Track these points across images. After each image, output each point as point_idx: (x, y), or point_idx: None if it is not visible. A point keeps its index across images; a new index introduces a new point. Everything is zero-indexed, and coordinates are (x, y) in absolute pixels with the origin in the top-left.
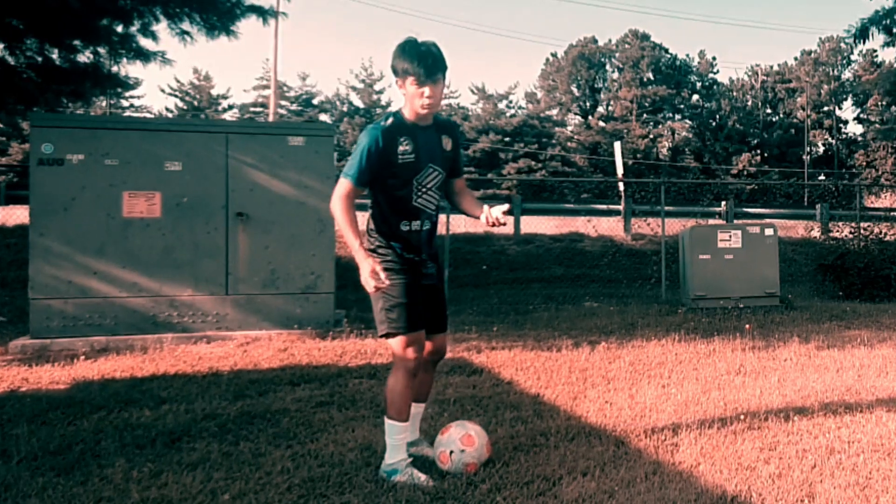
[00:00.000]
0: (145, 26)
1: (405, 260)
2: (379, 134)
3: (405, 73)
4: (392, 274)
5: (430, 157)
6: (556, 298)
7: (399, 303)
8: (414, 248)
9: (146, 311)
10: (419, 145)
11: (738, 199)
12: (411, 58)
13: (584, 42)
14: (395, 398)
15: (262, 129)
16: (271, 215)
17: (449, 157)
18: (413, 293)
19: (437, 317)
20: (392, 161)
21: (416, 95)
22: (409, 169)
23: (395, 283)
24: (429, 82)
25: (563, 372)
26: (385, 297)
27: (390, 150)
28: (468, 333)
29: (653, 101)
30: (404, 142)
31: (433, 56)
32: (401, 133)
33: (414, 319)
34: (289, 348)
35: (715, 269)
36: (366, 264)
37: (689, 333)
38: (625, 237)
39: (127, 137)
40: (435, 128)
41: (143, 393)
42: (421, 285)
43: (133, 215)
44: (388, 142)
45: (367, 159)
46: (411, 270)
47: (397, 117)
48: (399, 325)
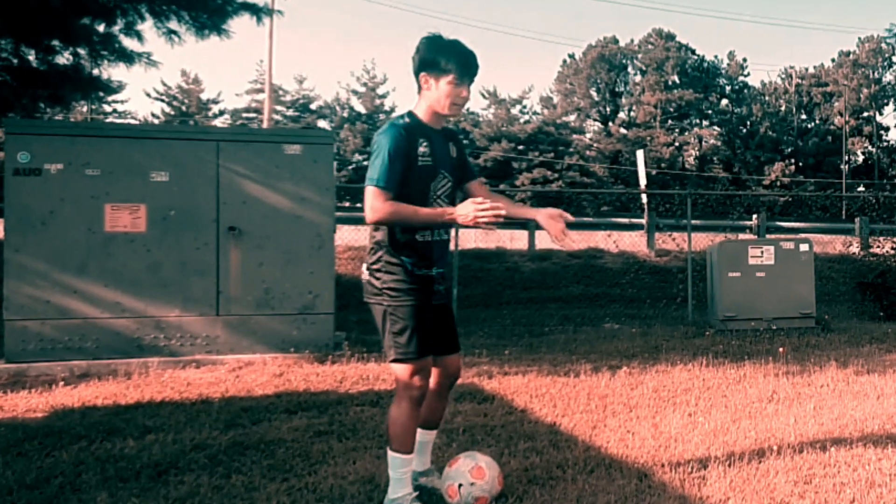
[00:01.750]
0: (129, 25)
1: (416, 278)
2: (401, 132)
3: (445, 71)
4: (402, 294)
5: (443, 162)
6: (573, 319)
7: (407, 326)
8: (427, 262)
9: (130, 334)
10: (435, 149)
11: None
12: (456, 55)
13: (604, 42)
14: (399, 430)
15: (256, 137)
16: (266, 230)
17: (456, 164)
18: (422, 316)
19: (449, 337)
20: (412, 163)
21: (451, 95)
22: (427, 173)
23: (404, 305)
24: (467, 83)
25: (581, 399)
26: (393, 319)
27: (412, 150)
28: (479, 357)
29: (678, 107)
30: (423, 143)
31: (475, 57)
32: (419, 134)
33: (423, 345)
34: (285, 373)
35: (746, 288)
36: (461, 210)
37: (717, 357)
38: (648, 253)
39: (109, 145)
40: (444, 133)
41: (126, 422)
42: (431, 306)
43: (116, 230)
44: (410, 140)
45: (392, 160)
46: (422, 290)
47: (412, 117)
48: (408, 352)
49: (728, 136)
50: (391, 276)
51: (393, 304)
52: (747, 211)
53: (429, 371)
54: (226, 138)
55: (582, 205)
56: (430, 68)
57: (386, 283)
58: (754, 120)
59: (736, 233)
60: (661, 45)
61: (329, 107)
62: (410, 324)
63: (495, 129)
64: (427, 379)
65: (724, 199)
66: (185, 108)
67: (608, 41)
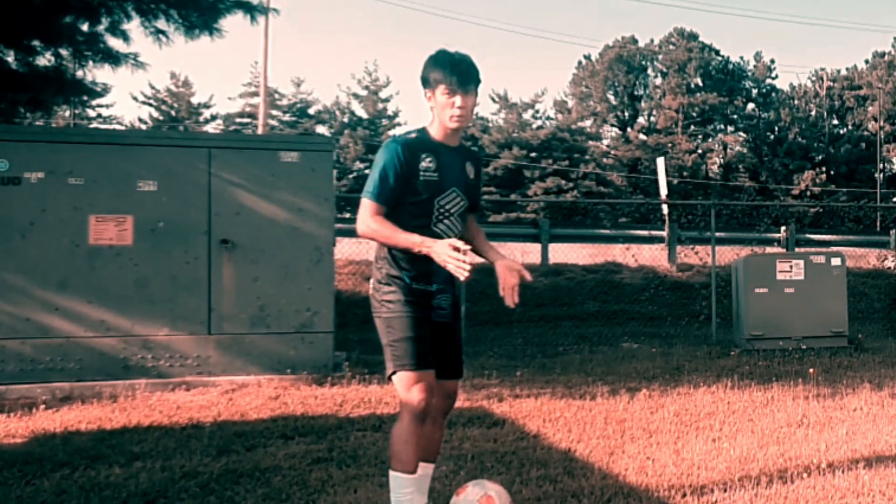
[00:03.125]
0: (115, 24)
1: (414, 291)
2: (400, 148)
3: (435, 82)
4: (399, 305)
5: (455, 179)
6: (589, 338)
7: (404, 336)
8: (426, 277)
9: (116, 354)
10: (443, 165)
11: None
12: (443, 65)
13: (621, 42)
14: (401, 447)
15: (251, 144)
16: (261, 243)
17: (472, 185)
18: (421, 327)
19: (449, 359)
20: (413, 178)
21: (446, 106)
22: (432, 188)
23: (401, 316)
24: (460, 91)
25: (597, 423)
26: (389, 331)
27: (412, 166)
28: (488, 379)
29: (701, 111)
30: (427, 158)
31: (466, 63)
32: (423, 149)
33: (422, 356)
34: (281, 396)
35: (773, 305)
36: (433, 246)
37: (743, 379)
38: (669, 268)
39: (94, 153)
40: (460, 152)
41: (112, 448)
42: (432, 321)
43: (101, 242)
44: (410, 157)
45: (388, 176)
46: (420, 304)
47: (421, 133)
48: (404, 362)
49: (754, 142)
50: (389, 289)
51: (391, 316)
52: (775, 223)
53: (431, 385)
54: (218, 145)
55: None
56: (427, 84)
57: (385, 296)
58: (782, 125)
59: (763, 246)
60: (683, 46)
61: (328, 111)
62: (408, 334)
63: (506, 136)
64: (429, 393)
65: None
66: (174, 113)
67: (626, 41)
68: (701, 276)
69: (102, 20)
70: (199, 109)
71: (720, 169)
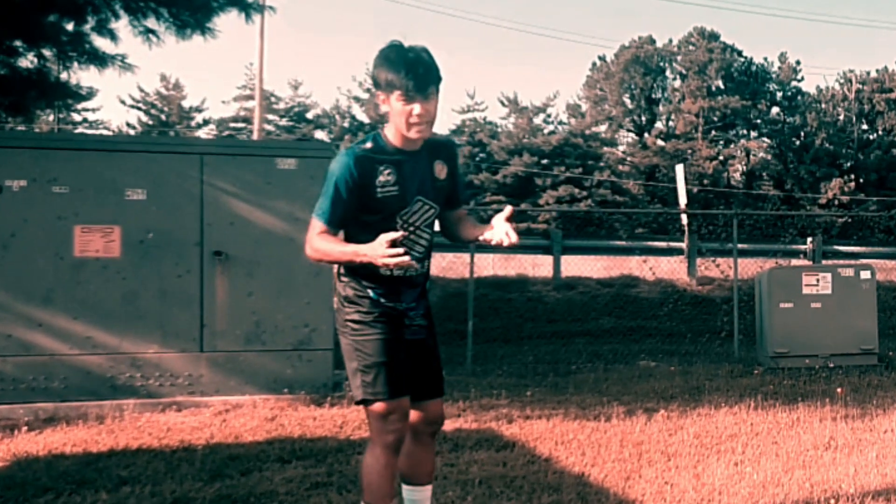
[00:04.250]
0: (102, 23)
1: (384, 310)
2: (351, 162)
3: (389, 87)
4: (366, 327)
5: (419, 188)
6: (604, 356)
7: (375, 362)
8: (395, 296)
9: (103, 372)
10: (404, 176)
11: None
12: (396, 67)
13: (638, 43)
14: (373, 479)
15: (245, 150)
16: (256, 254)
17: (444, 186)
18: (394, 350)
19: (429, 379)
20: (370, 194)
21: (404, 114)
22: (392, 203)
23: (371, 339)
24: (419, 97)
25: (613, 446)
26: (359, 356)
27: (367, 182)
28: (497, 399)
29: (723, 115)
30: (385, 171)
31: (424, 64)
32: (381, 160)
33: (395, 383)
34: (277, 417)
35: (799, 321)
36: (369, 250)
37: (767, 399)
38: (689, 281)
39: (79, 159)
40: (426, 151)
41: (99, 472)
42: (405, 341)
43: (87, 254)
44: (365, 171)
45: (338, 193)
46: (391, 323)
47: (377, 140)
48: (377, 391)
49: (779, 148)
50: (355, 308)
51: (358, 338)
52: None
53: (404, 413)
54: (211, 151)
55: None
56: (379, 86)
57: (349, 315)
58: (809, 130)
59: (788, 258)
60: (704, 46)
61: (328, 115)
62: (378, 359)
63: (516, 141)
64: (403, 422)
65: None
66: (164, 118)
67: (643, 41)
68: (722, 290)
69: (88, 19)
70: (191, 114)
71: (743, 177)
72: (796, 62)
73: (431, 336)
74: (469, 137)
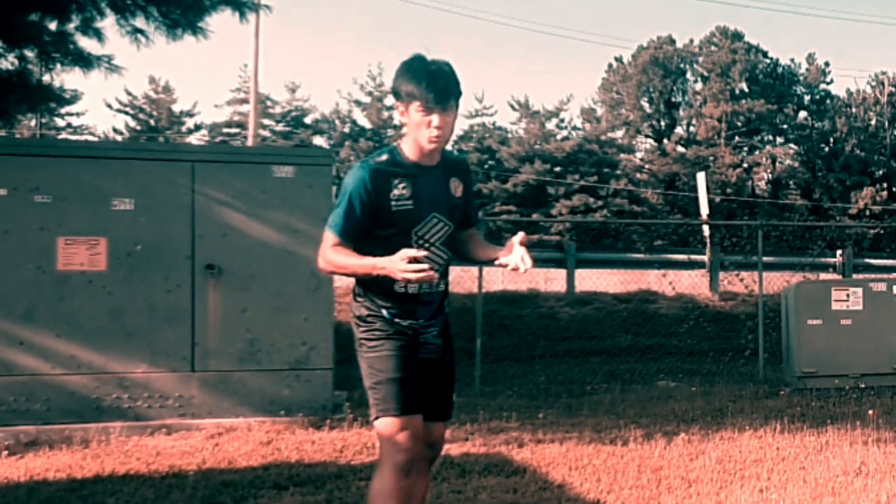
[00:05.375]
0: (87, 22)
1: (398, 328)
2: (367, 175)
3: (409, 98)
4: (379, 344)
5: (434, 204)
6: (621, 376)
7: (388, 378)
8: (410, 314)
9: (88, 393)
10: (420, 189)
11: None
12: (418, 78)
13: (657, 43)
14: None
15: (239, 157)
16: (251, 268)
17: (459, 204)
18: (406, 367)
19: (437, 401)
20: (384, 208)
21: (422, 125)
22: (407, 218)
23: (384, 356)
24: (437, 109)
25: (630, 472)
26: (372, 373)
27: (382, 195)
28: (507, 421)
29: (747, 120)
30: (400, 185)
31: (445, 76)
32: (396, 173)
33: (407, 399)
34: (274, 441)
35: (828, 338)
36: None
37: (794, 422)
38: (711, 296)
39: (63, 167)
40: (441, 168)
41: (83, 499)
42: (418, 359)
43: (71, 268)
44: (380, 184)
45: (352, 206)
46: (405, 340)
47: (393, 153)
48: (388, 406)
49: (807, 155)
50: (369, 326)
51: (373, 356)
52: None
53: (417, 431)
54: (203, 158)
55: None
56: (398, 97)
57: (364, 334)
58: (838, 136)
59: (817, 272)
60: (727, 47)
61: (327, 120)
62: (392, 375)
63: (527, 148)
64: (416, 442)
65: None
66: (153, 122)
67: (663, 41)
68: (746, 305)
69: (73, 17)
70: (182, 118)
71: (768, 185)
72: (825, 63)
73: (448, 356)
74: (477, 144)
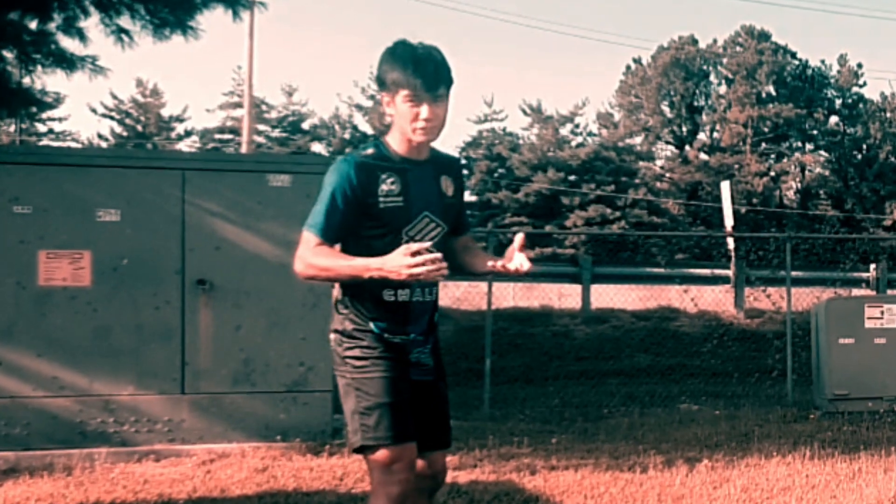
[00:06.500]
0: (69, 21)
1: (389, 346)
2: (352, 169)
3: (395, 86)
4: (368, 364)
5: (426, 202)
6: (639, 398)
7: (378, 403)
8: (401, 327)
9: (71, 417)
10: (409, 186)
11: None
12: (404, 64)
13: (679, 43)
14: None
15: (233, 165)
16: (245, 284)
17: (452, 204)
18: (399, 390)
19: (434, 427)
20: (371, 204)
21: (409, 117)
22: (396, 216)
23: (374, 377)
24: (427, 98)
25: (650, 501)
26: (359, 396)
27: (368, 191)
28: (518, 447)
29: (775, 126)
30: (388, 179)
31: (434, 63)
32: (383, 168)
33: (401, 426)
34: (269, 468)
35: (861, 359)
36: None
37: (825, 447)
38: (736, 314)
39: (44, 176)
40: (432, 164)
41: None
42: (410, 381)
43: (53, 283)
44: (366, 179)
45: (335, 203)
46: (396, 360)
47: (380, 147)
48: (380, 435)
49: (838, 163)
50: (355, 342)
51: (358, 377)
52: (863, 259)
53: (411, 461)
54: (194, 166)
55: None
56: (383, 85)
57: (349, 352)
58: (872, 143)
59: (849, 288)
60: (753, 47)
61: (326, 126)
62: (381, 400)
63: (539, 155)
64: (410, 471)
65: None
66: (141, 128)
67: (684, 42)
68: (774, 323)
69: (54, 16)
70: (171, 123)
71: (797, 195)
72: (857, 65)
73: (441, 378)
74: (486, 151)
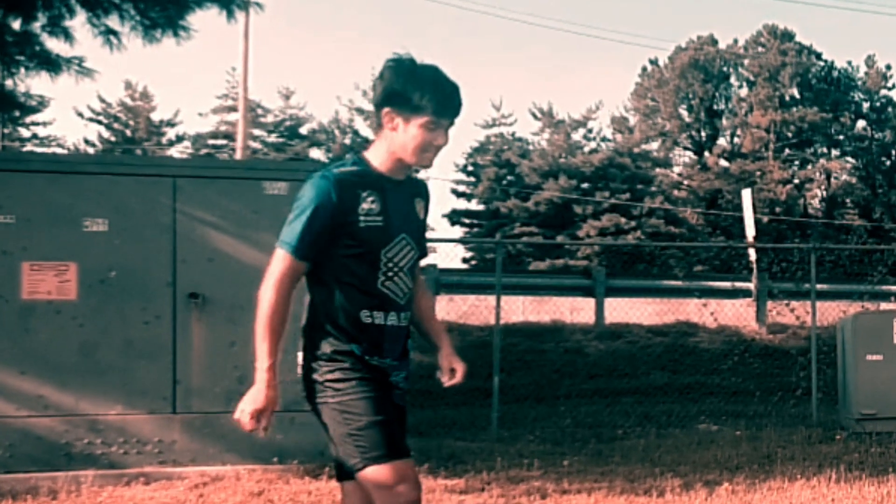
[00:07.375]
0: (55, 21)
1: (369, 368)
2: (331, 185)
3: (418, 110)
4: (352, 386)
5: (404, 223)
6: (656, 419)
7: (371, 422)
8: (378, 350)
9: (56, 437)
10: (388, 206)
11: None
12: (435, 88)
13: (697, 43)
14: None
15: (227, 171)
16: (239, 297)
17: (423, 227)
18: (387, 409)
19: None
20: (350, 222)
21: (421, 142)
22: (375, 236)
23: (359, 398)
24: (446, 126)
25: None
26: (347, 419)
27: (348, 209)
28: (528, 470)
29: (799, 130)
30: (368, 198)
31: (457, 89)
32: (364, 185)
33: (397, 443)
34: (265, 491)
35: (890, 376)
36: (261, 392)
37: (851, 470)
38: (758, 329)
39: (28, 183)
40: (407, 185)
41: None
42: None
43: (37, 297)
44: (347, 197)
45: (312, 221)
46: (379, 381)
47: (361, 164)
48: (378, 453)
49: (866, 170)
50: (335, 365)
51: (343, 399)
52: (892, 272)
53: (415, 478)
54: (186, 173)
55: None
56: (398, 104)
57: (329, 375)
58: None
59: (877, 301)
60: (776, 48)
61: (325, 130)
62: (373, 418)
63: (550, 162)
64: (416, 489)
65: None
66: (130, 133)
67: (703, 42)
68: (798, 339)
69: (39, 16)
70: (162, 128)
71: (822, 203)
72: (886, 67)
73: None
74: (495, 157)
